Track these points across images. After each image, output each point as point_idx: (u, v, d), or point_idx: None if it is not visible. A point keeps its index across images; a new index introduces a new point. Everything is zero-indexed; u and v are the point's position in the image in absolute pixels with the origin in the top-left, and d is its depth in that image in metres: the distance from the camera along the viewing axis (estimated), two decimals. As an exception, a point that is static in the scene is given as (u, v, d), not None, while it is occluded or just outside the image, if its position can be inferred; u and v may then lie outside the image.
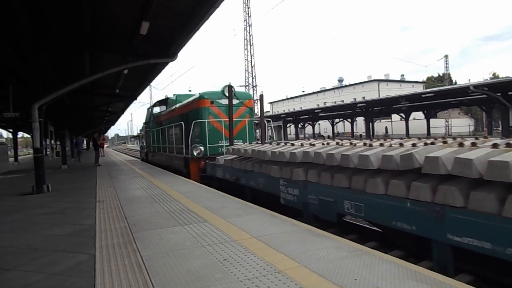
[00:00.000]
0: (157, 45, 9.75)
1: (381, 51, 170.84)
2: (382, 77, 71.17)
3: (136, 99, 19.18)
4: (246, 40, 43.94)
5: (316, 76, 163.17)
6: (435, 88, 38.48)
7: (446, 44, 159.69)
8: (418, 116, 44.32)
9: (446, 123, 50.95)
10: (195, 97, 10.55)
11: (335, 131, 53.50)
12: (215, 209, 4.88)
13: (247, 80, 44.88)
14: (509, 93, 20.08)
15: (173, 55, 9.92)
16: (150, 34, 8.34)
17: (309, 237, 3.39)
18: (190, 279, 2.53)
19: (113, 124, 45.93)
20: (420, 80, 75.08)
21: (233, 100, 9.58)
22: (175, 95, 15.09)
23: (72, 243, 3.74)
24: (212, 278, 2.51)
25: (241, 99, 10.27)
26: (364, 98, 53.69)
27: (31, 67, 8.21)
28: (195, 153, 9.48)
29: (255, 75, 44.72)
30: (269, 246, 3.15)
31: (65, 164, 16.23)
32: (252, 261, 2.82)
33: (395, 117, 45.53)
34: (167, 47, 9.75)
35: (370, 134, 35.71)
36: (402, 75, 77.76)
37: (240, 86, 43.05)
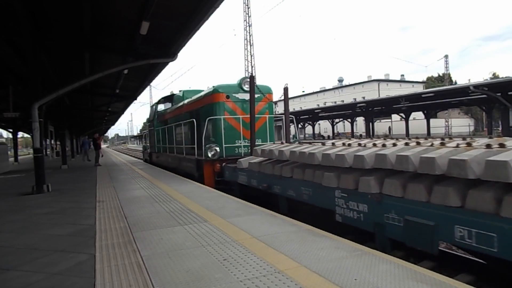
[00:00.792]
0: (157, 45, 9.75)
1: (381, 51, 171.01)
2: (382, 77, 71.20)
3: (136, 99, 19.20)
4: (246, 40, 43.92)
5: (316, 76, 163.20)
6: (435, 88, 38.47)
7: (446, 44, 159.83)
8: (418, 116, 44.32)
9: (446, 123, 50.96)
10: (208, 91, 9.29)
11: (335, 131, 53.51)
12: (215, 209, 4.88)
13: (247, 80, 44.74)
14: (509, 93, 20.08)
15: (173, 55, 9.92)
16: (150, 34, 8.35)
17: (309, 237, 3.39)
18: (190, 279, 2.53)
19: (113, 124, 45.93)
20: (420, 80, 75.09)
21: (248, 94, 8.56)
22: (181, 91, 13.97)
23: (72, 243, 3.74)
24: (212, 278, 2.51)
25: (259, 93, 8.84)
26: (364, 98, 53.71)
27: (31, 67, 8.21)
28: (209, 154, 8.31)
29: (255, 75, 44.71)
30: (269, 246, 3.15)
31: (65, 164, 16.24)
32: (252, 261, 2.82)
33: (395, 117, 45.55)
34: (167, 47, 9.75)
35: (370, 134, 35.70)
36: (402, 75, 77.86)
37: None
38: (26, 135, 38.37)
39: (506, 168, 2.55)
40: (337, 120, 49.20)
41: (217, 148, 8.37)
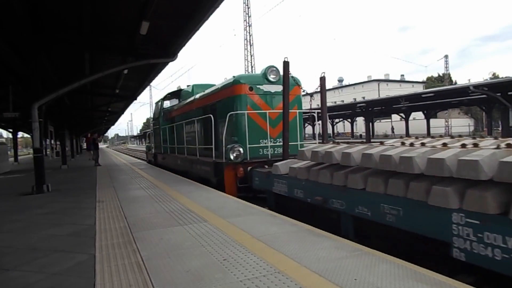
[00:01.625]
0: (157, 45, 9.74)
1: (381, 51, 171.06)
2: (382, 77, 71.17)
3: (136, 99, 19.19)
4: (246, 40, 43.90)
5: (316, 76, 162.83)
6: (435, 88, 38.48)
7: (445, 44, 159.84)
8: (418, 116, 44.31)
9: (446, 123, 50.95)
10: (228, 82, 8.06)
11: (335, 131, 53.48)
12: (215, 209, 4.88)
13: (247, 80, 44.71)
14: (509, 93, 20.07)
15: (173, 55, 9.92)
16: (150, 34, 8.35)
17: (309, 237, 3.39)
18: (190, 279, 2.53)
19: (113, 124, 45.96)
20: (420, 80, 75.07)
21: (277, 85, 7.53)
22: (189, 86, 12.70)
23: (72, 243, 3.74)
24: (212, 278, 2.51)
25: (293, 81, 7.56)
26: (364, 98, 53.70)
27: (31, 67, 8.21)
28: (231, 156, 7.03)
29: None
30: (269, 246, 3.15)
31: (65, 164, 16.24)
32: (252, 261, 2.82)
33: (395, 117, 45.53)
34: (167, 47, 9.75)
35: (370, 134, 35.71)
36: (402, 75, 77.81)
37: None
38: (26, 135, 38.37)
39: None
40: (337, 120, 49.21)
41: (241, 149, 7.12)
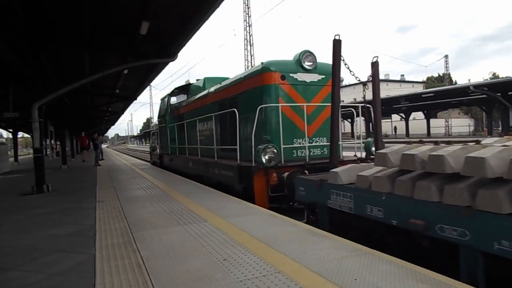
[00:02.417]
0: (157, 45, 9.75)
1: (380, 51, 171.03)
2: (382, 77, 71.00)
3: (136, 99, 19.21)
4: (246, 40, 43.90)
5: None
6: (435, 88, 38.48)
7: (446, 44, 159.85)
8: (418, 116, 44.32)
9: (446, 123, 50.95)
10: (254, 70, 6.84)
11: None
12: (215, 209, 4.88)
13: (247, 80, 44.74)
14: (509, 93, 20.09)
15: (173, 55, 9.92)
16: (150, 34, 8.35)
17: (309, 237, 3.39)
18: (190, 279, 2.53)
19: (113, 124, 46.00)
20: (420, 80, 75.09)
21: (312, 74, 6.49)
22: (199, 79, 11.56)
23: (72, 243, 3.74)
24: (212, 278, 2.51)
25: (325, 74, 6.51)
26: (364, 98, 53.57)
27: (31, 67, 8.22)
28: (263, 159, 5.73)
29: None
30: (269, 246, 3.15)
31: (65, 164, 16.24)
32: (252, 261, 2.82)
33: (395, 117, 45.54)
34: (167, 47, 9.75)
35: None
36: (402, 75, 77.90)
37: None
38: (26, 135, 38.40)
39: None
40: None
41: (275, 150, 5.87)
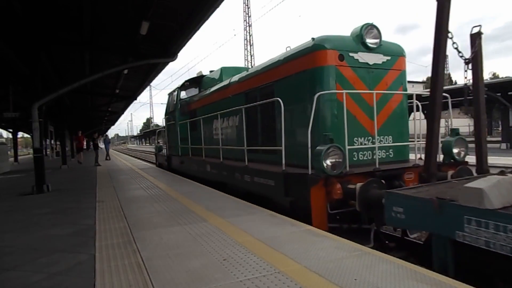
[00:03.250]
0: (157, 45, 9.76)
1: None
2: (382, 77, 71.07)
3: (136, 99, 19.22)
4: (246, 40, 43.94)
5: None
6: (435, 88, 38.34)
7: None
8: (417, 116, 44.26)
9: (446, 123, 50.98)
10: (302, 48, 5.25)
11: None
12: (215, 209, 4.88)
13: (247, 80, 44.76)
14: (509, 93, 20.08)
15: (173, 55, 9.92)
16: (150, 34, 8.35)
17: (309, 237, 3.39)
18: (190, 279, 2.53)
19: (113, 124, 46.00)
20: (420, 80, 75.07)
21: (376, 55, 5.17)
22: (212, 71, 10.52)
23: (72, 243, 3.74)
24: (212, 278, 2.51)
25: (390, 54, 5.32)
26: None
27: (31, 67, 8.22)
28: (325, 164, 4.27)
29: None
30: (269, 246, 3.15)
31: (65, 164, 16.25)
32: (252, 261, 2.82)
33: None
34: (167, 47, 9.75)
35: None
36: (402, 75, 77.71)
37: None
38: (26, 135, 38.40)
39: None
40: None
41: (341, 153, 4.39)
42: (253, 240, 3.37)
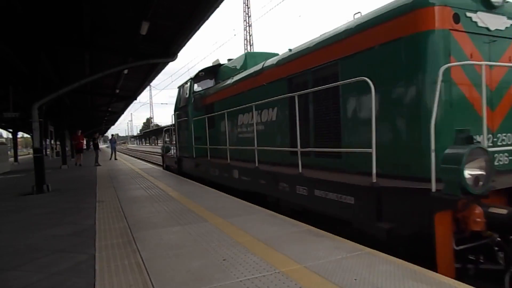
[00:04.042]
0: (157, 45, 9.75)
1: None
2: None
3: (136, 99, 19.24)
4: (246, 40, 43.94)
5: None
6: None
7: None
8: None
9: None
10: (396, 5, 3.82)
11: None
12: (215, 209, 4.87)
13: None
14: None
15: (173, 55, 9.92)
16: (150, 34, 8.35)
17: (309, 237, 3.39)
18: (190, 279, 2.53)
19: (113, 124, 46.02)
20: (420, 80, 74.98)
21: (500, 17, 3.80)
22: (231, 59, 9.48)
23: (72, 243, 3.74)
24: (212, 278, 2.51)
25: None
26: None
27: (31, 67, 8.22)
28: (469, 174, 2.77)
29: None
30: (269, 246, 3.15)
31: (65, 164, 16.25)
32: (252, 261, 2.82)
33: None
34: (167, 47, 9.75)
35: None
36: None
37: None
38: (26, 135, 38.37)
39: None
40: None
41: (487, 158, 2.89)
42: (253, 240, 3.37)
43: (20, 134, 33.88)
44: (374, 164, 3.46)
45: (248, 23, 43.42)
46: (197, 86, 10.29)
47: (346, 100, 4.41)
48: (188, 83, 10.44)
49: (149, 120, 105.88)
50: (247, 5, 42.95)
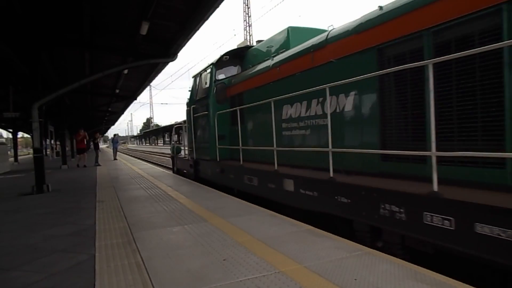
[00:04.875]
0: (157, 45, 9.75)
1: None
2: (382, 77, 71.05)
3: (136, 99, 19.23)
4: (246, 40, 43.92)
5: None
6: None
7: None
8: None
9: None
10: None
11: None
12: (215, 209, 4.87)
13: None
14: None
15: (173, 55, 9.92)
16: (150, 34, 8.35)
17: (309, 237, 3.39)
18: (190, 279, 2.52)
19: (113, 124, 45.98)
20: (420, 80, 74.98)
21: None
22: (260, 40, 8.08)
23: (72, 243, 3.74)
24: (212, 278, 2.51)
25: None
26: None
27: (31, 67, 8.22)
28: None
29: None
30: (269, 246, 3.15)
31: (65, 164, 16.25)
32: (252, 261, 2.82)
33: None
34: (167, 47, 9.75)
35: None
36: (402, 75, 77.72)
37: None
38: (26, 135, 38.38)
39: None
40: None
41: None
42: (253, 240, 3.36)
43: (20, 134, 33.90)
44: None
45: (248, 23, 43.42)
46: (228, 71, 8.58)
47: None
48: (209, 70, 8.48)
49: (149, 120, 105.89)
50: (247, 5, 42.95)
